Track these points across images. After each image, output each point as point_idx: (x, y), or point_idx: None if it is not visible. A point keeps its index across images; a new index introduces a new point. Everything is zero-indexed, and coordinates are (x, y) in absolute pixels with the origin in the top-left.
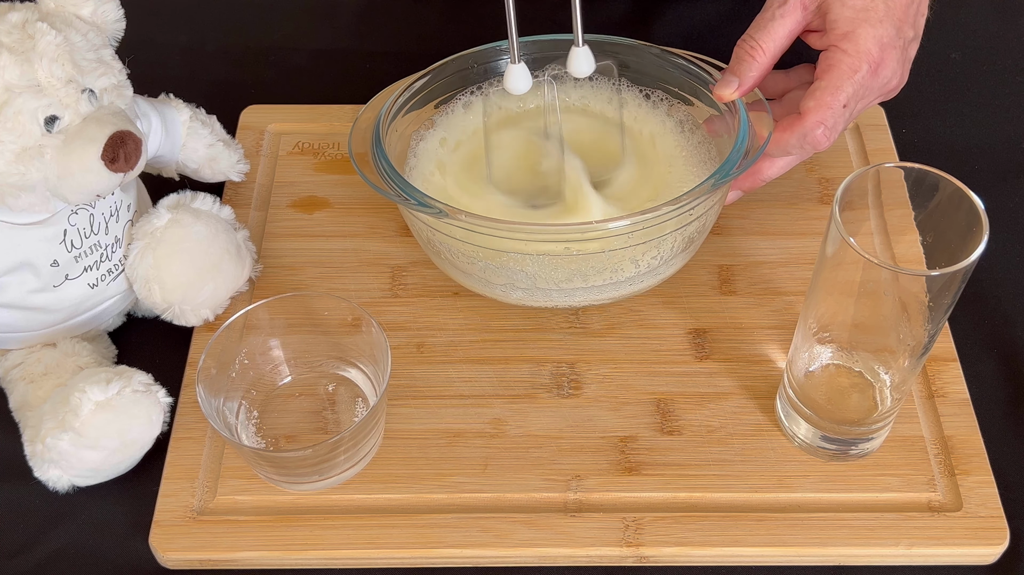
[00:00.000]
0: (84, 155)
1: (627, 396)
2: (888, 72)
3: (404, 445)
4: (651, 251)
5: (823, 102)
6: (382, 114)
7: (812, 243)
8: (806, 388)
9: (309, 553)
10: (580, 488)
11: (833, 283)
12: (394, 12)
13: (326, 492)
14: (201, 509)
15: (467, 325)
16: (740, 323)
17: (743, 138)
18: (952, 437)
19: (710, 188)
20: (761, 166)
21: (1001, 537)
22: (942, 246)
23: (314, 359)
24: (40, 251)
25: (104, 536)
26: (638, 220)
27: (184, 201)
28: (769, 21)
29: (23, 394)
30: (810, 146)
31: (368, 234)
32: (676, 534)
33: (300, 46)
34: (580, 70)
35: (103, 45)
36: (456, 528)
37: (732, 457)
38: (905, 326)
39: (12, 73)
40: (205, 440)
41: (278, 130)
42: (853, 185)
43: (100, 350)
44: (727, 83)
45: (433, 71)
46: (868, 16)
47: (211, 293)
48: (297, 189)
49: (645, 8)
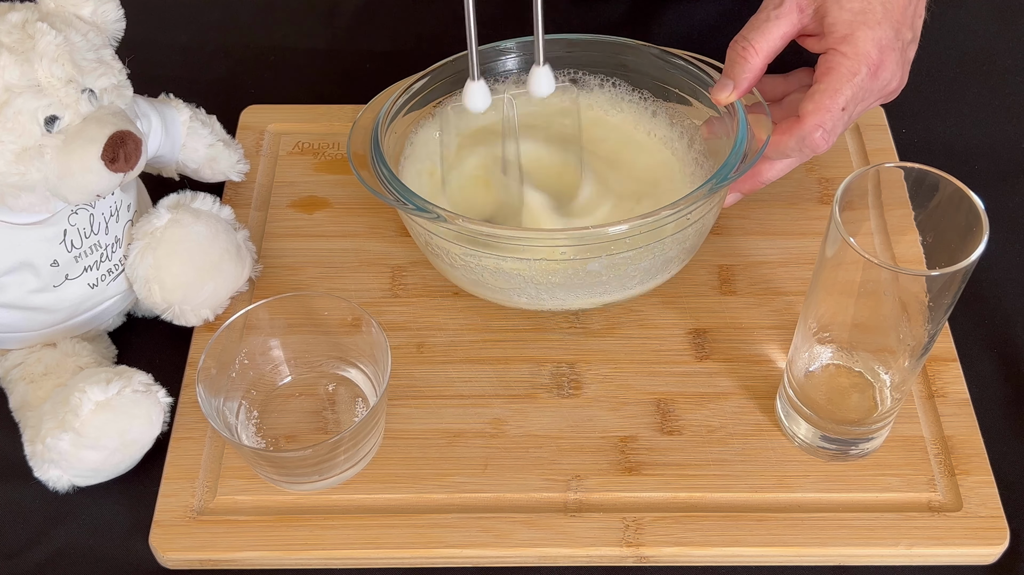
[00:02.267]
0: (84, 155)
1: (627, 396)
2: (887, 74)
3: (404, 445)
4: (649, 255)
5: (822, 105)
6: (381, 116)
7: (812, 243)
8: (806, 388)
9: (309, 553)
10: (580, 488)
11: (833, 283)
12: (394, 12)
13: (326, 492)
14: (201, 509)
15: (467, 325)
16: (740, 323)
17: (741, 141)
18: (952, 437)
19: (708, 191)
20: (760, 168)
21: (1001, 537)
22: (942, 246)
23: (314, 359)
24: (40, 251)
25: (104, 536)
26: (636, 224)
27: (184, 201)
28: (764, 22)
29: (23, 394)
30: (809, 149)
31: (368, 234)
32: (676, 534)
33: (300, 46)
34: (540, 90)
35: (103, 45)
36: (456, 528)
37: (732, 457)
38: (905, 326)
39: (12, 73)
40: (205, 440)
41: (278, 130)
42: (853, 185)
43: (100, 350)
44: (722, 87)
45: (432, 72)
46: (866, 18)
47: (211, 293)
48: (297, 189)
49: (645, 8)
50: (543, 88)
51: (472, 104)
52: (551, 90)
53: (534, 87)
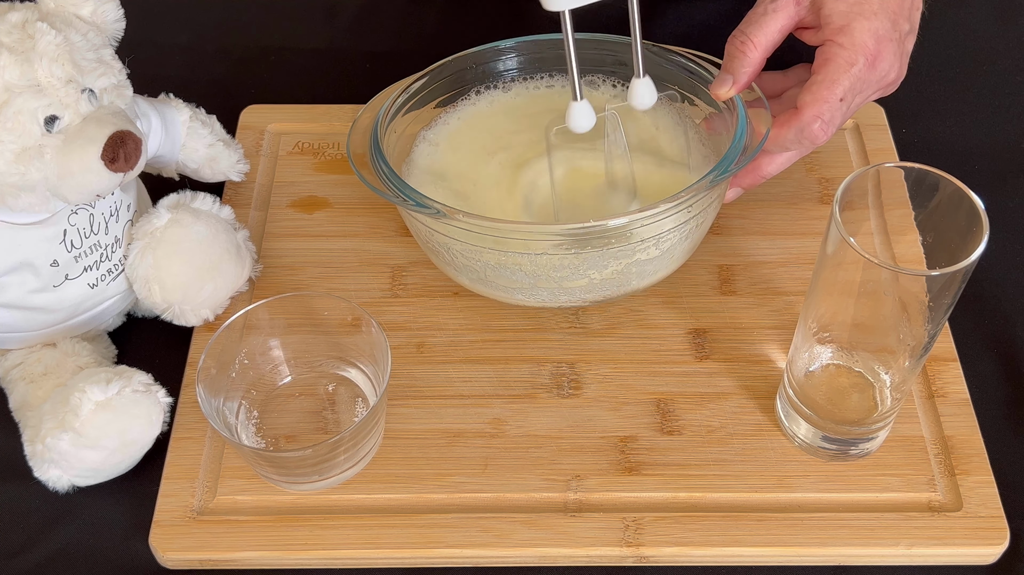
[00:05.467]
0: (84, 155)
1: (627, 396)
2: (885, 65)
3: (404, 445)
4: (651, 249)
5: (819, 96)
6: (380, 114)
7: (812, 243)
8: (806, 388)
9: (309, 553)
10: (580, 488)
11: (833, 283)
12: (394, 12)
13: (326, 492)
14: (201, 509)
15: (467, 325)
16: (740, 323)
17: (741, 134)
18: (952, 437)
19: (708, 184)
20: (760, 163)
21: (1001, 537)
22: (942, 246)
23: (314, 359)
24: (40, 251)
25: (104, 536)
26: (636, 218)
27: (184, 201)
28: (761, 16)
29: (23, 394)
30: (808, 140)
31: (368, 234)
32: (676, 534)
33: (300, 46)
34: (643, 103)
35: (103, 45)
36: (456, 528)
37: (732, 457)
38: (905, 326)
39: (12, 73)
40: (205, 440)
41: (278, 130)
42: (853, 185)
43: (100, 350)
44: (722, 82)
45: (432, 71)
46: (862, 9)
47: (211, 293)
48: (297, 189)
49: (645, 8)
50: (645, 100)
51: (576, 124)
52: (653, 101)
53: (636, 99)
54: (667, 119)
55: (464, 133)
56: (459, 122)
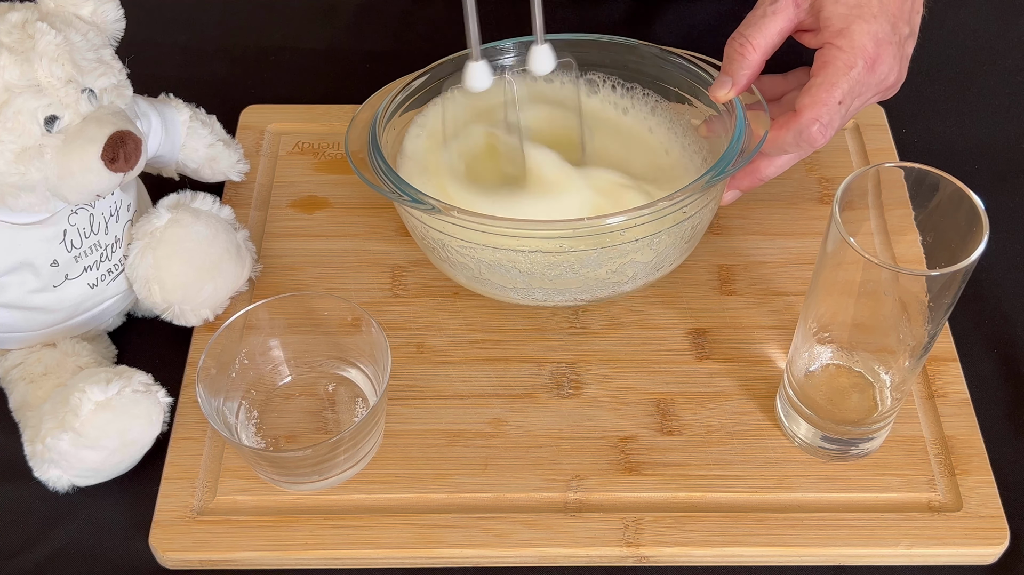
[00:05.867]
0: (84, 155)
1: (627, 396)
2: (884, 68)
3: (404, 445)
4: (645, 249)
5: (818, 99)
6: (379, 112)
7: (812, 243)
8: (806, 388)
9: (309, 553)
10: (580, 488)
11: (833, 283)
12: (394, 12)
13: (326, 492)
14: (201, 509)
15: (467, 325)
16: (740, 323)
17: (739, 136)
18: (952, 437)
19: (706, 184)
20: (759, 165)
21: (1001, 537)
22: (942, 246)
23: (314, 359)
24: (40, 251)
25: (104, 536)
26: (632, 216)
27: (184, 201)
28: (760, 18)
29: (23, 394)
30: (806, 143)
31: (368, 234)
32: (676, 534)
33: (300, 46)
34: (540, 68)
35: (103, 45)
36: (456, 528)
37: (732, 457)
38: (905, 326)
39: (12, 73)
40: (205, 440)
41: (278, 130)
42: (853, 185)
43: (100, 350)
44: (721, 84)
45: (431, 70)
46: (862, 12)
47: (211, 293)
48: (297, 189)
49: (645, 8)
50: (543, 66)
51: (473, 83)
52: (551, 67)
53: (534, 65)
54: (662, 119)
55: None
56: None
